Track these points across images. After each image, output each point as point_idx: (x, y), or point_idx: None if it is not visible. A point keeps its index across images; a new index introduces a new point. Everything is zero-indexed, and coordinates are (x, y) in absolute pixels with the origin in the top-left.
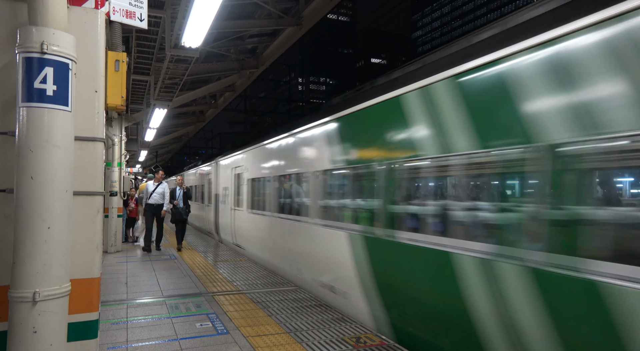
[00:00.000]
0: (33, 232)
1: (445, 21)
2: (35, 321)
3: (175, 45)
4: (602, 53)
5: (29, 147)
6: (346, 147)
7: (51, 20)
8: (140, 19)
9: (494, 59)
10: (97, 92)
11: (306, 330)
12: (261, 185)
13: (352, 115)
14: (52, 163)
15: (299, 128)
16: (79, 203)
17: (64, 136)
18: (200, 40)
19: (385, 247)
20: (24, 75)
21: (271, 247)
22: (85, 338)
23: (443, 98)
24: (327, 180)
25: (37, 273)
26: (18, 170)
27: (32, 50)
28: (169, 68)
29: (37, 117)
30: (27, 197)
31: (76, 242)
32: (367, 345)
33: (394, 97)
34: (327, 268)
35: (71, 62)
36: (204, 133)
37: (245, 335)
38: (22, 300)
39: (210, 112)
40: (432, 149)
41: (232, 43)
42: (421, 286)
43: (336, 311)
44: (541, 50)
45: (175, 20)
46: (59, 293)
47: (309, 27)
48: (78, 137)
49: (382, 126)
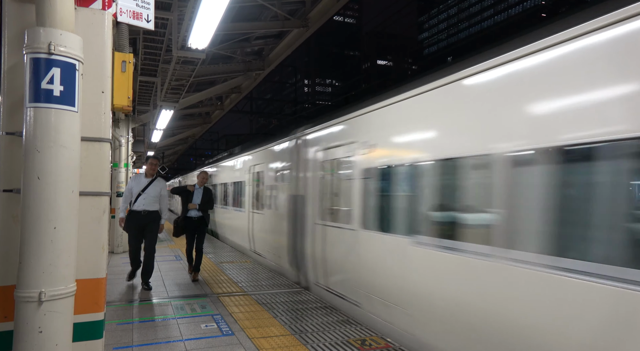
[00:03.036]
0: (39, 232)
1: (451, 23)
2: (41, 321)
3: (181, 46)
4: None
5: (36, 147)
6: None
7: (58, 21)
8: (147, 20)
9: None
10: (103, 92)
11: (311, 332)
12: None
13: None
14: (59, 164)
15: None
16: (85, 204)
17: (70, 136)
18: (207, 41)
19: None
20: (32, 76)
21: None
22: (91, 339)
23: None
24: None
25: (43, 273)
26: (25, 170)
27: (40, 51)
28: (175, 69)
29: (44, 117)
30: (33, 197)
31: (82, 242)
32: (372, 347)
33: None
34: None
35: (78, 63)
36: (210, 135)
37: (250, 336)
38: (28, 300)
39: (216, 114)
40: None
41: (238, 45)
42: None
43: (341, 314)
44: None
45: (182, 21)
46: (65, 293)
47: (315, 29)
48: (85, 138)
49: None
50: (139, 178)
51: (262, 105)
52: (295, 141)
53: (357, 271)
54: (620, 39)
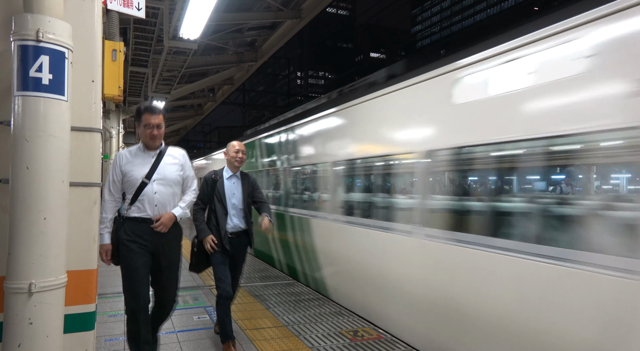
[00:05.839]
0: (29, 223)
1: (444, 16)
2: (31, 313)
3: (173, 36)
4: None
5: (25, 136)
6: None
7: (47, 7)
8: (138, 8)
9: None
10: (94, 81)
11: (304, 324)
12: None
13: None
14: (48, 154)
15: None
16: (76, 194)
17: (60, 126)
18: (199, 32)
19: None
20: (19, 64)
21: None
22: (82, 330)
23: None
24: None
25: (33, 264)
26: (14, 160)
27: (27, 38)
28: (167, 60)
29: (32, 106)
30: (22, 188)
31: (73, 233)
32: (364, 338)
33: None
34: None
35: (67, 51)
36: (202, 127)
37: (243, 328)
38: (18, 291)
39: (208, 105)
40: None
41: (230, 36)
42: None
43: (334, 305)
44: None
45: (173, 11)
46: (56, 284)
47: (309, 20)
48: (74, 127)
49: None
50: (134, 156)
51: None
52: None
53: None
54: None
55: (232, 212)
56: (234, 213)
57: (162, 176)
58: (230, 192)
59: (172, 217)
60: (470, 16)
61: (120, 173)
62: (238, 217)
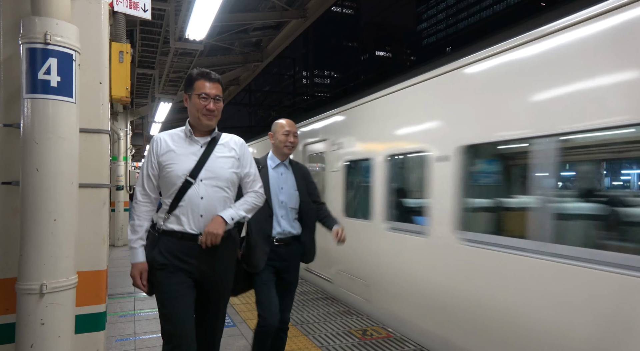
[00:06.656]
0: (39, 224)
1: (450, 13)
2: (43, 313)
3: (179, 38)
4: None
5: (34, 139)
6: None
7: (54, 10)
8: (144, 10)
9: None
10: (101, 83)
11: (312, 323)
12: None
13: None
14: (58, 155)
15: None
16: (85, 196)
17: (69, 127)
18: (205, 32)
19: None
20: (28, 67)
21: None
22: (93, 330)
23: None
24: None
25: (44, 265)
26: (23, 162)
27: (36, 41)
28: (173, 61)
29: (41, 108)
30: (32, 189)
31: (83, 234)
32: (373, 337)
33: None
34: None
35: (75, 53)
36: None
37: (252, 327)
38: (30, 292)
39: None
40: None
41: (236, 36)
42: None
43: (342, 305)
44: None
45: (179, 12)
46: (66, 285)
47: (314, 20)
48: (83, 129)
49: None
50: (176, 142)
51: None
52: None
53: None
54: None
55: (280, 212)
56: (283, 214)
57: (213, 174)
58: (277, 186)
59: (221, 222)
60: (477, 12)
61: (156, 166)
62: (288, 218)
